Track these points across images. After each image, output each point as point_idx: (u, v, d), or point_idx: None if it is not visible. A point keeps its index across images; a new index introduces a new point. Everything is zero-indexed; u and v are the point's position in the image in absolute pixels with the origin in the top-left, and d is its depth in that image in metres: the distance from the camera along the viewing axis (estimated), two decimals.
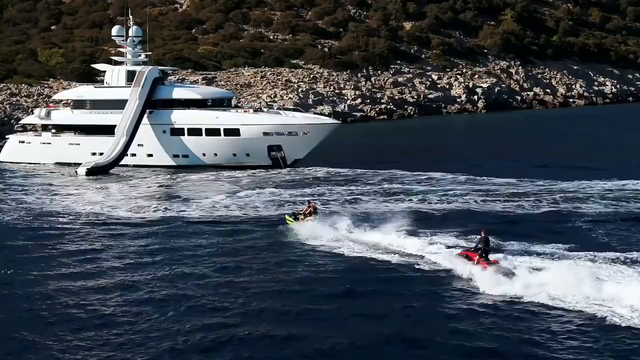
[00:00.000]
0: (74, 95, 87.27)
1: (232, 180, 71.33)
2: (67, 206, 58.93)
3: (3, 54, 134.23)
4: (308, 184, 66.96)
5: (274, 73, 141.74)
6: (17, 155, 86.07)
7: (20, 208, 58.24)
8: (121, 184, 70.43)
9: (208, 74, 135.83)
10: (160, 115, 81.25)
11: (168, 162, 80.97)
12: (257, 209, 56.57)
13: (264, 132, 78.56)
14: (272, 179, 71.41)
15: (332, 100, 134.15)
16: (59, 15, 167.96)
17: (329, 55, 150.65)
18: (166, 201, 60.48)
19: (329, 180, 68.69)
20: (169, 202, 59.70)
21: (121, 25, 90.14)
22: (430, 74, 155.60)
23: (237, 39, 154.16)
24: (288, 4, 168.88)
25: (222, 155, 79.66)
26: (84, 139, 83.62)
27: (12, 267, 41.08)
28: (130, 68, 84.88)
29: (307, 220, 47.96)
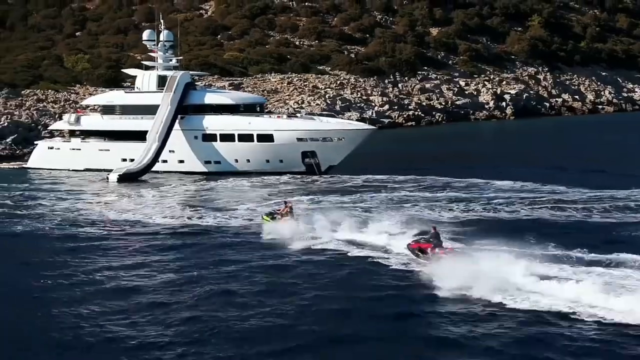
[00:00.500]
0: (103, 101, 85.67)
1: (267, 187, 69.45)
2: (101, 213, 57.22)
3: (29, 60, 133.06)
4: (348, 191, 64.97)
5: (301, 79, 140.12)
6: (46, 161, 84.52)
7: (54, 215, 56.59)
8: (154, 191, 68.69)
9: (234, 80, 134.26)
10: (192, 120, 79.55)
11: (199, 169, 79.21)
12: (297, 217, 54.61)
13: (298, 138, 76.71)
14: (308, 185, 69.56)
15: (360, 107, 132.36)
16: (83, 22, 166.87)
17: (355, 61, 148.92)
18: (202, 208, 58.62)
19: (368, 187, 66.69)
20: (205, 210, 57.84)
21: (152, 30, 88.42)
22: (457, 80, 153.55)
23: (263, 45, 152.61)
24: (314, 9, 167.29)
25: (255, 161, 77.86)
26: (114, 145, 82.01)
27: (47, 277, 39.40)
28: (161, 73, 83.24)
29: (283, 219, 48.87)
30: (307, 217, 50.33)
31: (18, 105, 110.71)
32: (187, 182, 74.54)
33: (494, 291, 34.40)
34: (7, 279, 39.66)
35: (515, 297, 34.08)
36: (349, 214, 51.48)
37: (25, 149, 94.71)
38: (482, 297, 34.22)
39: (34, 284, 38.48)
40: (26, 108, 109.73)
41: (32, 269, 41.42)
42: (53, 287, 38.03)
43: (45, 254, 44.70)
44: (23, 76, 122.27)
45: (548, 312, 32.66)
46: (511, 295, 34.23)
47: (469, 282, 34.99)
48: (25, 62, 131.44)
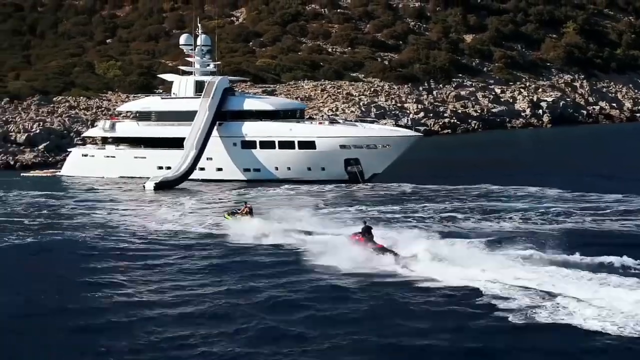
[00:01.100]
0: (138, 107, 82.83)
1: (310, 195, 66.34)
2: (141, 223, 54.28)
3: (60, 66, 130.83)
4: (396, 200, 61.74)
5: (334, 86, 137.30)
6: (80, 168, 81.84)
7: (93, 226, 53.69)
8: (193, 200, 65.77)
9: (267, 87, 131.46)
10: (230, 127, 76.64)
11: (238, 177, 76.27)
12: (345, 224, 51.48)
13: (341, 145, 73.58)
14: (354, 194, 66.41)
15: (395, 114, 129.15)
16: (114, 29, 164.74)
17: (389, 68, 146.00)
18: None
19: (418, 196, 63.44)
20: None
21: (189, 34, 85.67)
22: (493, 87, 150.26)
23: (295, 52, 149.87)
24: (346, 16, 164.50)
25: (295, 169, 74.83)
26: (150, 152, 79.20)
27: (91, 295, 36.46)
28: (198, 78, 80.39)
29: (243, 218, 51.03)
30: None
31: (50, 112, 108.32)
32: (227, 190, 71.61)
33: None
34: (51, 298, 36.56)
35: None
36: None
37: (57, 156, 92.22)
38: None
39: (77, 302, 35.50)
40: (58, 115, 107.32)
41: (74, 285, 38.47)
42: (97, 306, 35.04)
43: (87, 269, 41.67)
44: (55, 83, 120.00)
45: None
46: None
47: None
48: (57, 68, 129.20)
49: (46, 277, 40.41)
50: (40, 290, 37.27)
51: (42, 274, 41.20)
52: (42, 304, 35.33)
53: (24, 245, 47.73)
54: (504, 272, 37.05)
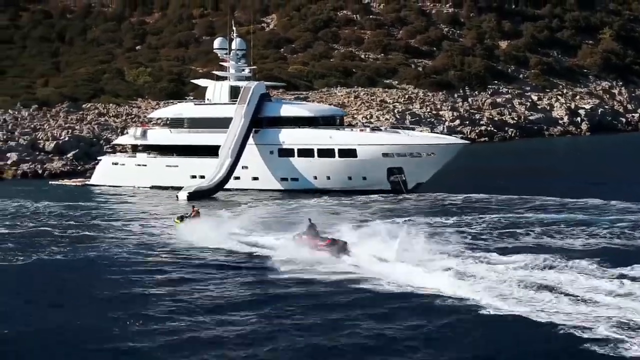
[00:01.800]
0: (171, 114, 78.90)
1: (355, 206, 62.16)
2: (179, 236, 50.24)
3: (89, 73, 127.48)
4: (447, 211, 57.42)
5: (368, 93, 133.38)
6: (110, 178, 78.05)
7: (128, 239, 49.76)
8: (229, 211, 61.72)
9: (300, 94, 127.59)
10: (267, 134, 72.65)
11: (275, 186, 72.24)
12: (395, 238, 47.24)
13: (384, 153, 69.38)
14: (402, 205, 62.15)
15: (430, 122, 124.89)
16: (143, 36, 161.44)
17: (423, 74, 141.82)
18: (287, 232, 51.50)
19: (469, 207, 59.11)
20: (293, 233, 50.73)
21: (224, 38, 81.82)
22: (529, 94, 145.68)
23: (328, 58, 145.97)
24: (378, 22, 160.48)
25: (335, 178, 70.71)
26: (183, 161, 75.33)
27: (130, 317, 32.50)
28: (233, 83, 76.43)
29: (193, 222, 50.96)
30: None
31: (79, 120, 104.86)
32: (264, 200, 67.58)
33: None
34: (87, 320, 32.67)
35: None
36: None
37: (86, 164, 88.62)
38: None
39: (115, 326, 31.57)
40: (87, 122, 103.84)
41: (111, 306, 34.53)
42: (139, 330, 31.08)
43: (124, 287, 37.71)
44: (84, 89, 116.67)
45: None
46: None
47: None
48: (86, 75, 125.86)
49: (78, 295, 36.70)
50: (74, 307, 34.10)
51: (74, 291, 37.47)
52: (76, 323, 32.09)
53: (54, 261, 43.93)
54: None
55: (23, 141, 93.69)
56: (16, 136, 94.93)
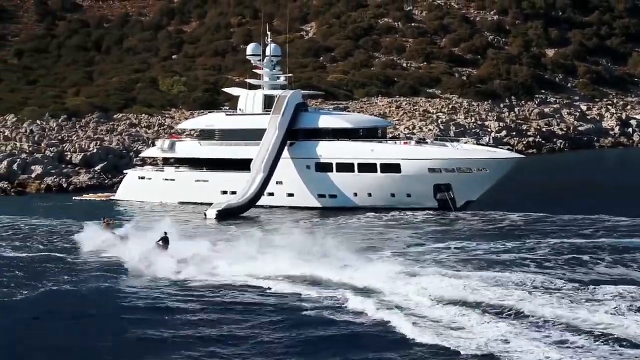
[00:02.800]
0: (201, 125, 72.78)
1: (401, 226, 55.69)
2: (213, 264, 43.93)
3: (122, 82, 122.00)
4: (506, 234, 50.75)
5: (410, 103, 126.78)
6: (136, 193, 72.14)
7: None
8: (262, 231, 55.46)
9: (339, 104, 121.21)
10: (303, 147, 66.30)
11: (312, 203, 65.88)
12: (453, 267, 40.83)
13: (430, 169, 62.73)
14: (453, 226, 55.52)
15: (475, 132, 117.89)
16: (180, 44, 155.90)
17: (468, 83, 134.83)
18: (326, 257, 45.21)
19: (528, 228, 52.28)
20: (331, 259, 44.39)
21: (257, 43, 75.68)
22: (578, 104, 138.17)
23: (368, 67, 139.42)
24: (420, 30, 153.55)
25: (377, 195, 64.16)
26: (213, 175, 69.20)
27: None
28: (268, 92, 70.20)
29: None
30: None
31: (109, 130, 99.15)
32: (300, 219, 61.26)
33: None
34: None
35: None
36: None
37: (114, 177, 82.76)
38: None
39: None
40: (118, 133, 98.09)
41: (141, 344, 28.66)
42: None
43: (151, 326, 31.80)
44: (115, 99, 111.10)
45: None
46: None
47: None
48: (119, 84, 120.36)
49: (101, 331, 31.43)
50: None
51: (94, 326, 32.04)
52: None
53: (69, 291, 38.49)
54: None
55: (49, 153, 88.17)
56: (42, 148, 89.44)
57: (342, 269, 40.21)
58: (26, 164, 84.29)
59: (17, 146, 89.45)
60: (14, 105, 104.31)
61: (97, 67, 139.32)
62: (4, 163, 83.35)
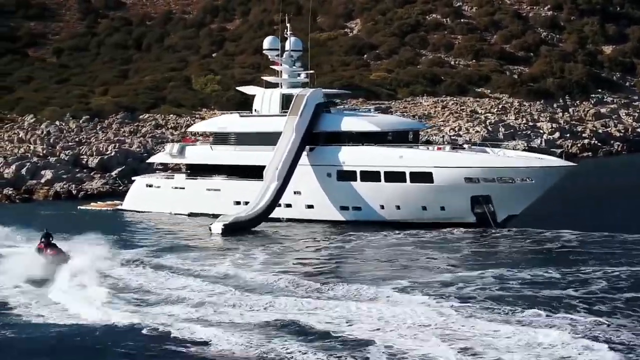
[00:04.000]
0: (214, 127, 64.22)
1: (435, 246, 46.88)
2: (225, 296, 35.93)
3: (155, 81, 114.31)
4: (560, 258, 41.56)
5: (457, 102, 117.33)
6: (144, 202, 64.15)
7: (150, 298, 35.80)
8: (271, 249, 47.30)
9: (381, 104, 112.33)
10: (324, 153, 57.56)
11: (334, 217, 57.13)
12: (498, 303, 32.04)
13: (467, 178, 53.56)
14: (494, 247, 46.40)
15: (526, 134, 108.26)
16: (221, 42, 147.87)
17: (519, 82, 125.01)
18: (343, 284, 37.13)
19: (584, 252, 43.03)
20: (348, 286, 36.28)
21: (274, 37, 67.23)
22: (637, 104, 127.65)
23: (414, 65, 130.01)
24: (470, 26, 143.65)
25: (407, 208, 55.15)
26: (226, 184, 60.86)
27: None
28: (286, 91, 61.55)
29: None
30: None
31: (132, 132, 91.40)
32: (318, 235, 52.93)
33: None
34: None
35: None
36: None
37: (130, 183, 74.62)
38: None
39: None
40: (141, 135, 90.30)
41: None
42: None
43: None
44: (144, 99, 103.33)
45: None
46: None
47: None
48: (151, 83, 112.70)
49: None
50: None
51: None
52: None
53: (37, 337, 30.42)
54: None
55: (64, 156, 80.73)
56: (57, 151, 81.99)
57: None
58: (36, 168, 77.00)
59: (31, 149, 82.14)
60: (36, 105, 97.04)
61: (133, 65, 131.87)
62: (12, 167, 76.17)
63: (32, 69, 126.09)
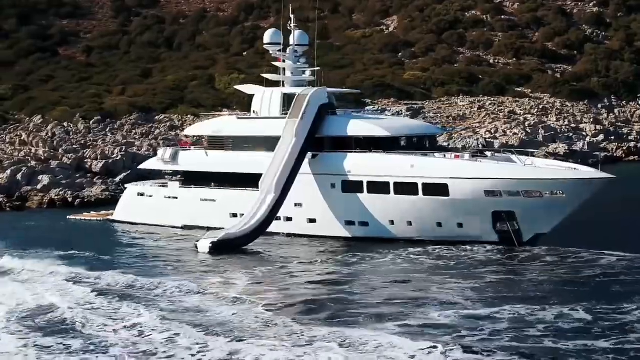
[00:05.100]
0: (209, 130, 56.95)
1: (445, 272, 39.41)
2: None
3: (178, 80, 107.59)
4: (601, 291, 33.89)
5: (495, 103, 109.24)
6: (135, 213, 57.28)
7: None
8: (269, 274, 40.36)
9: (414, 104, 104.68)
10: (327, 160, 50.12)
11: (338, 232, 49.69)
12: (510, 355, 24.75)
13: (487, 191, 45.72)
14: (521, 274, 38.73)
15: (568, 137, 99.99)
16: (253, 40, 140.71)
17: (561, 82, 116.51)
18: (364, 322, 30.96)
19: (629, 282, 35.20)
20: (365, 323, 29.91)
21: (276, 30, 60.02)
22: None
23: (451, 64, 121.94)
24: (511, 23, 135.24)
25: (419, 224, 47.52)
26: (221, 194, 53.69)
27: None
28: (288, 90, 54.22)
29: None
30: None
31: (144, 134, 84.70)
32: (316, 255, 45.54)
33: None
34: None
35: None
36: None
37: None
38: None
39: None
40: (153, 137, 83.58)
41: None
42: None
43: None
44: (161, 99, 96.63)
45: None
46: None
47: None
48: (172, 83, 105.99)
49: None
50: None
51: None
52: None
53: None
54: None
55: (67, 160, 74.27)
56: (60, 154, 75.55)
57: None
58: (33, 173, 70.55)
59: (32, 152, 75.80)
60: (46, 105, 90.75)
61: (159, 64, 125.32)
62: (7, 172, 69.72)
63: (55, 67, 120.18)
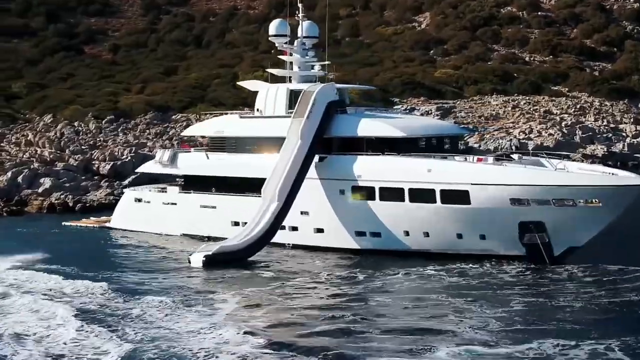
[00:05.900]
0: (210, 131, 51.67)
1: (473, 295, 33.92)
2: None
3: (200, 78, 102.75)
4: None
5: (530, 102, 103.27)
6: (131, 219, 52.30)
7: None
8: (263, 294, 35.22)
9: (445, 103, 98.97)
10: (336, 164, 44.64)
11: (348, 244, 44.24)
12: None
13: (514, 199, 39.97)
14: (548, 298, 33.14)
15: (607, 138, 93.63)
16: None
17: (600, 80, 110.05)
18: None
19: None
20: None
21: (282, 20, 54.68)
22: None
23: (485, 61, 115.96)
24: (548, 19, 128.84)
25: (437, 235, 41.89)
26: (222, 200, 48.42)
27: None
28: (295, 86, 48.78)
29: None
30: None
31: (158, 134, 79.82)
32: (321, 270, 40.32)
33: None
34: None
35: None
36: None
37: None
38: None
39: None
40: (168, 137, 78.68)
41: None
42: None
43: None
44: (180, 97, 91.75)
45: None
46: None
47: None
48: (195, 81, 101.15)
49: None
50: None
51: None
52: None
53: None
54: None
55: (73, 162, 69.53)
56: (66, 155, 70.87)
57: None
58: (35, 175, 65.82)
59: (37, 153, 71.18)
60: (59, 103, 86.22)
61: (186, 62, 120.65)
62: (7, 175, 65.10)
63: (78, 65, 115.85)
